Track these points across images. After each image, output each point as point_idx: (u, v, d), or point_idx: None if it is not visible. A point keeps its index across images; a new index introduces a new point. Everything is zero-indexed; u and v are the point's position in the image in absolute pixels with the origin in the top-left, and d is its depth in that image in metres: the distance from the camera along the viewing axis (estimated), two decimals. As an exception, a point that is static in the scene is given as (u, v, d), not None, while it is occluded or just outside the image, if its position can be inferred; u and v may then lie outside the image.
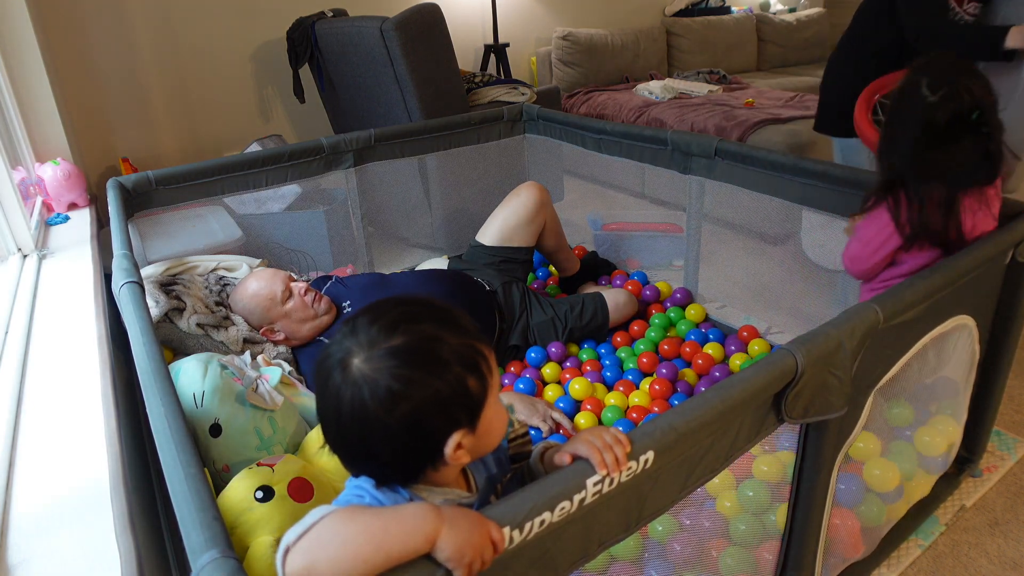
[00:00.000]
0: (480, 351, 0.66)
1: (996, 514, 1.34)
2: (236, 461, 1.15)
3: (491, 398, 0.66)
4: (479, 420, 0.65)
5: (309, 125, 3.27)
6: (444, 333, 0.64)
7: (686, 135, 1.80)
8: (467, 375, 0.64)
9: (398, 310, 0.66)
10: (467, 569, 0.54)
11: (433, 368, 0.63)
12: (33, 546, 0.82)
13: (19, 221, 1.66)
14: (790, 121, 2.92)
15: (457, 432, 0.64)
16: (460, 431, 0.64)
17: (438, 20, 2.36)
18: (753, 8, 4.52)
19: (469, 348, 0.65)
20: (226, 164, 1.83)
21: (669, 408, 1.56)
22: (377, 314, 0.65)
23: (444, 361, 0.63)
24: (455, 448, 0.64)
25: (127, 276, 1.13)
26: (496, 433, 0.69)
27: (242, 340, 1.53)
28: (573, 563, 0.69)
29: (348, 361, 0.63)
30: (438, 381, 0.62)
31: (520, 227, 1.93)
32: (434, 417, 0.63)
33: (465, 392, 0.64)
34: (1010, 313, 1.23)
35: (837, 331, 0.87)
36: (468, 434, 0.65)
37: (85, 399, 1.11)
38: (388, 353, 0.62)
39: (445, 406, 0.63)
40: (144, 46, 2.80)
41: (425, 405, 0.62)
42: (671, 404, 1.60)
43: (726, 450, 0.81)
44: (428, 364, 0.63)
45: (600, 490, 0.65)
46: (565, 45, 3.76)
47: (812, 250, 1.83)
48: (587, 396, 1.64)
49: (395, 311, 0.66)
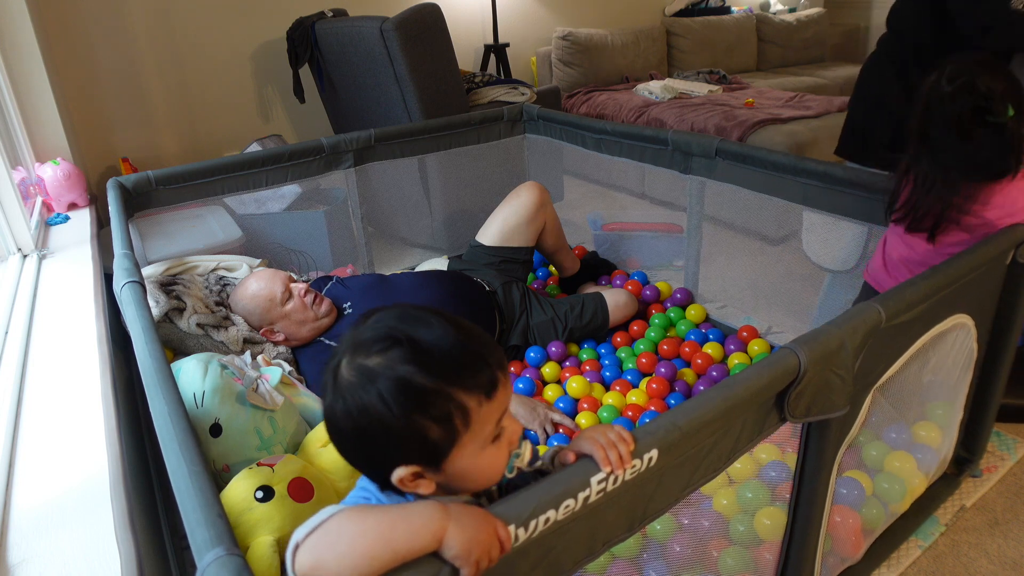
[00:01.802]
0: (457, 401, 0.60)
1: (996, 514, 1.34)
2: (236, 461, 1.14)
3: (466, 449, 0.61)
4: (443, 466, 0.61)
5: (309, 125, 3.27)
6: (418, 373, 0.59)
7: (686, 135, 1.80)
8: (427, 423, 0.59)
9: (391, 329, 0.62)
10: (474, 567, 0.54)
11: (389, 403, 0.59)
12: (33, 546, 0.82)
13: (19, 221, 1.66)
14: (790, 121, 2.93)
15: (405, 467, 0.61)
16: (410, 467, 0.61)
17: (438, 20, 2.36)
18: (753, 8, 4.53)
19: (442, 396, 0.59)
20: (226, 164, 1.83)
21: (666, 407, 1.57)
22: (375, 325, 0.63)
23: (400, 401, 0.59)
24: (410, 479, 0.61)
25: (128, 276, 1.13)
26: (480, 479, 0.65)
27: (242, 340, 1.53)
28: (577, 562, 0.69)
29: (340, 362, 0.63)
30: (389, 416, 0.59)
31: (520, 227, 1.93)
32: (379, 445, 0.61)
33: (420, 438, 0.60)
34: (1010, 313, 1.23)
35: (839, 330, 0.87)
36: (429, 471, 0.62)
37: (85, 399, 1.11)
38: (358, 370, 0.61)
39: (394, 441, 0.60)
40: (144, 46, 2.79)
41: (370, 432, 0.60)
42: (668, 404, 1.60)
43: (729, 449, 0.81)
44: (384, 397, 0.59)
45: (604, 488, 0.64)
46: (565, 45, 3.76)
47: (812, 250, 1.83)
48: (584, 395, 1.64)
49: (389, 328, 0.62)
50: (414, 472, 0.61)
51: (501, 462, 0.65)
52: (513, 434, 0.66)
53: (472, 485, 0.65)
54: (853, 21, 4.87)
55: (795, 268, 1.89)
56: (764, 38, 4.41)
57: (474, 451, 0.62)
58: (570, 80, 3.82)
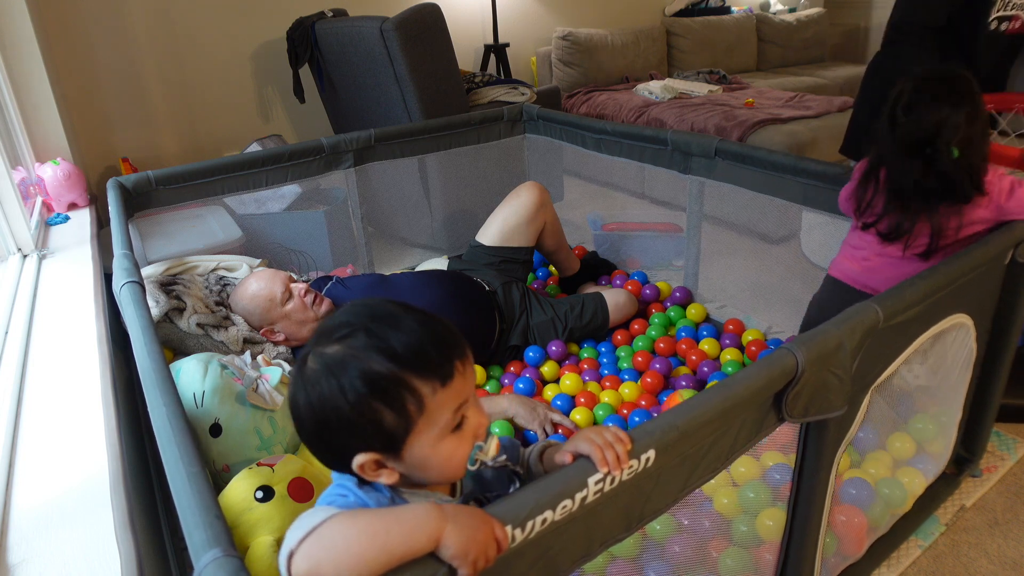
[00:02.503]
0: (410, 387, 0.61)
1: (996, 514, 1.34)
2: (236, 461, 1.15)
3: (422, 436, 0.63)
4: (402, 452, 0.63)
5: (309, 125, 3.27)
6: (373, 359, 0.61)
7: (686, 135, 1.80)
8: (381, 408, 0.61)
9: (352, 318, 0.64)
10: (472, 567, 0.54)
11: (345, 389, 0.61)
12: (33, 546, 0.82)
13: (19, 221, 1.66)
14: (790, 121, 2.92)
15: (364, 454, 0.62)
16: (370, 453, 0.62)
17: (438, 20, 2.36)
18: (753, 8, 4.52)
19: (395, 382, 0.61)
20: (226, 164, 1.83)
21: (658, 404, 1.57)
22: (337, 316, 0.66)
23: (355, 386, 0.61)
24: (372, 467, 0.63)
25: (128, 276, 1.13)
26: (441, 469, 0.65)
27: (242, 340, 1.53)
28: (575, 562, 0.69)
29: (307, 354, 0.65)
30: (344, 402, 0.61)
31: (520, 227, 1.93)
32: (339, 433, 0.62)
33: (376, 423, 0.61)
34: (1010, 313, 1.23)
35: (837, 330, 0.87)
36: (389, 459, 0.63)
37: (85, 399, 1.11)
38: (319, 358, 0.63)
39: (351, 427, 0.62)
40: (144, 46, 2.80)
41: (329, 420, 0.62)
42: (660, 400, 1.61)
43: (727, 449, 0.81)
44: (340, 383, 0.61)
45: (602, 489, 0.64)
46: (565, 45, 3.76)
47: (812, 250, 1.83)
48: (579, 391, 1.65)
49: (351, 318, 0.64)
50: (375, 460, 0.63)
51: (462, 453, 0.66)
52: (478, 427, 0.68)
53: (434, 475, 0.66)
54: (853, 21, 4.86)
55: (795, 268, 1.89)
56: (764, 38, 4.41)
57: (431, 439, 0.63)
58: (570, 80, 3.82)
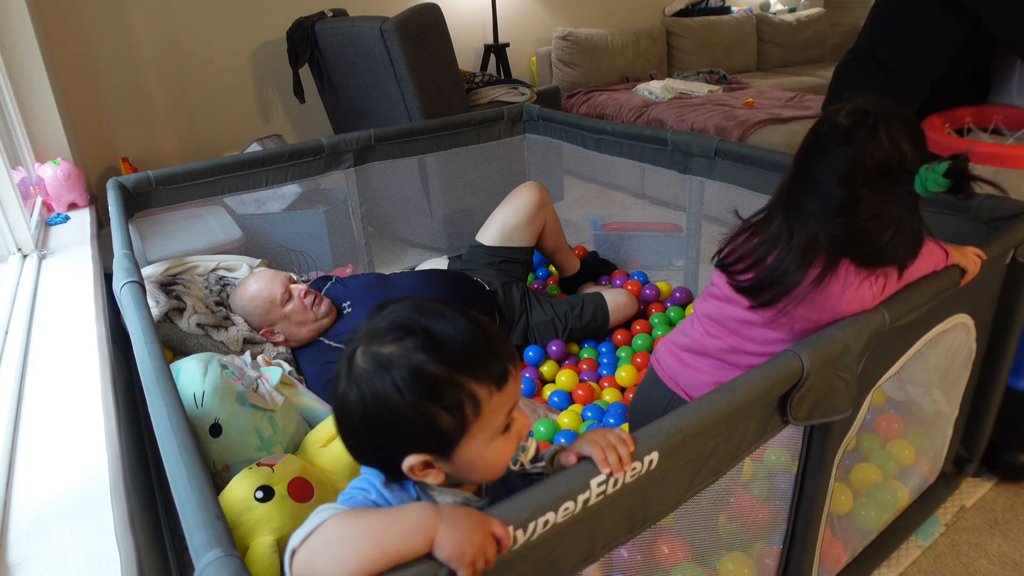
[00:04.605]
0: (468, 390, 0.61)
1: (996, 514, 1.34)
2: (236, 461, 1.14)
3: (476, 438, 0.63)
4: (453, 454, 0.63)
5: (309, 125, 3.27)
6: (431, 363, 0.61)
7: (686, 135, 1.80)
8: (439, 411, 0.61)
9: (405, 319, 0.63)
10: (470, 568, 0.54)
11: (402, 390, 0.60)
12: (33, 546, 0.82)
13: (19, 221, 1.65)
14: (790, 121, 2.92)
15: (416, 455, 0.62)
16: (422, 455, 0.62)
17: (438, 20, 2.36)
18: (753, 8, 4.52)
19: (453, 385, 0.61)
20: (226, 164, 1.83)
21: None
22: (389, 315, 0.64)
23: (413, 388, 0.60)
24: (420, 468, 0.63)
25: (128, 276, 1.13)
26: (487, 470, 0.66)
27: (242, 340, 1.53)
28: (577, 564, 0.69)
29: (355, 350, 0.64)
30: (403, 404, 0.60)
31: (520, 227, 1.93)
32: (391, 433, 0.62)
33: (432, 426, 0.61)
34: (1010, 313, 1.23)
35: (843, 334, 0.87)
36: (439, 460, 0.63)
37: (85, 399, 1.10)
38: (373, 358, 0.62)
39: (406, 428, 0.61)
40: (144, 46, 2.79)
41: (383, 420, 0.61)
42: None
43: (731, 452, 0.80)
44: (397, 383, 0.60)
45: (604, 491, 0.64)
46: (565, 45, 3.76)
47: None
48: (574, 387, 1.65)
49: (404, 317, 0.63)
50: (424, 461, 0.62)
51: (508, 454, 0.67)
52: (523, 427, 0.67)
53: (479, 476, 0.67)
54: (853, 21, 4.86)
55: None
56: (764, 38, 4.41)
57: (484, 441, 0.63)
58: (570, 80, 3.82)
